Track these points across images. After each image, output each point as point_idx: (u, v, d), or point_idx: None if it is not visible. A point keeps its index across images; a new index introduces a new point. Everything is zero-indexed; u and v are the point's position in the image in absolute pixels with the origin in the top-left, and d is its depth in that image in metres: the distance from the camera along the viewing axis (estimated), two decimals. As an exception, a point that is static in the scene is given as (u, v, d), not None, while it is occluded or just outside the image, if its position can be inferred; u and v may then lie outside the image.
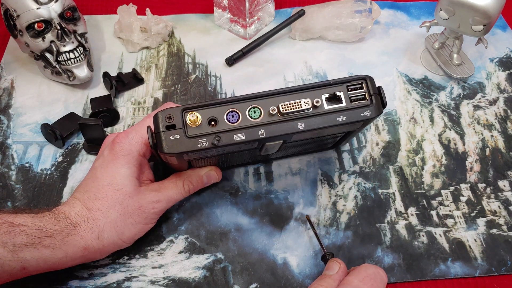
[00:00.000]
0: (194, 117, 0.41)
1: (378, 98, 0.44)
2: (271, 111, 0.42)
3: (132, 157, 0.47)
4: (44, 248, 0.42)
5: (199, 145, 0.41)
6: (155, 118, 0.42)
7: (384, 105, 0.45)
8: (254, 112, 0.42)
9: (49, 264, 0.43)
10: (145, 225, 0.48)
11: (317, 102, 0.43)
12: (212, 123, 0.42)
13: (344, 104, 0.43)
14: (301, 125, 0.42)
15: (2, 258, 0.40)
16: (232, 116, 0.42)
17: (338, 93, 0.43)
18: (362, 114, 0.44)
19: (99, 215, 0.45)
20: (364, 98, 0.44)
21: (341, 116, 0.43)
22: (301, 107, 0.42)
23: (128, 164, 0.47)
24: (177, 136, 0.41)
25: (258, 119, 0.42)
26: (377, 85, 0.45)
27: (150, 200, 0.47)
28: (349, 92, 0.44)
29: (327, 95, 0.43)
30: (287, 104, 0.42)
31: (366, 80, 0.44)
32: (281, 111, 0.42)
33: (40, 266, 0.43)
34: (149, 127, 0.43)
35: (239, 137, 0.42)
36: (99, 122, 0.56)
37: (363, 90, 0.44)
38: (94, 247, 0.45)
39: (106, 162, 0.47)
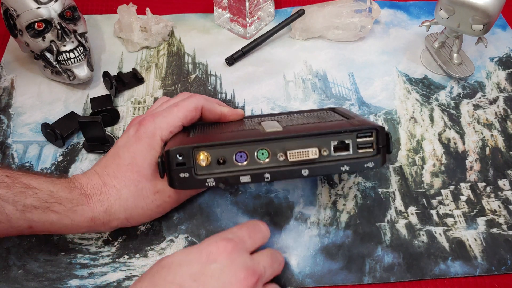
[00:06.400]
0: (203, 157, 0.43)
1: (384, 150, 0.45)
2: (279, 157, 0.43)
3: (155, 141, 0.48)
4: (52, 213, 0.44)
5: (206, 184, 0.44)
6: (167, 154, 0.44)
7: (389, 152, 0.46)
8: (262, 154, 0.44)
9: (55, 228, 0.45)
10: (155, 213, 0.49)
11: (325, 151, 0.44)
12: (221, 161, 0.44)
13: (350, 152, 0.44)
14: (305, 171, 0.44)
15: (10, 215, 0.43)
16: (241, 156, 0.44)
17: (347, 141, 0.44)
18: (365, 165, 0.44)
19: (113, 191, 0.46)
20: (371, 147, 0.44)
21: (345, 166, 0.44)
22: (308, 156, 0.43)
23: (149, 146, 0.47)
24: (186, 175, 0.44)
25: (266, 161, 0.44)
26: (386, 132, 0.45)
27: (167, 188, 0.48)
28: (357, 140, 0.44)
29: (335, 142, 0.44)
30: (295, 153, 0.43)
31: (378, 130, 0.44)
32: (289, 158, 0.43)
33: (46, 228, 0.45)
34: (160, 158, 0.45)
35: (245, 179, 0.44)
36: (98, 120, 0.56)
37: (371, 139, 0.44)
38: (100, 220, 0.46)
39: (129, 142, 0.48)
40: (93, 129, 0.57)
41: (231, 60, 0.69)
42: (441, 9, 0.62)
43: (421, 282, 0.48)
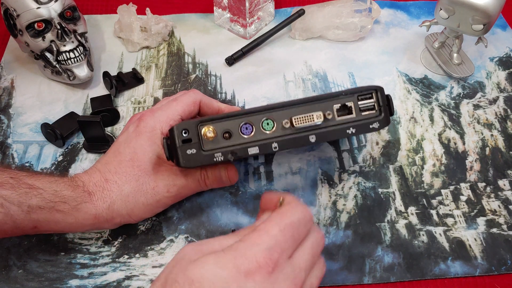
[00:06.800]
0: (209, 131, 0.43)
1: (387, 109, 0.45)
2: (284, 124, 0.43)
3: (155, 135, 0.48)
4: (56, 212, 0.44)
5: (214, 159, 0.43)
6: (171, 132, 0.43)
7: (392, 113, 0.46)
8: (268, 124, 0.44)
9: (59, 227, 0.45)
10: (155, 208, 0.49)
11: (329, 114, 0.44)
12: (226, 135, 0.43)
13: (354, 115, 0.45)
14: (312, 137, 0.44)
15: (16, 216, 0.43)
16: (246, 128, 0.43)
17: (348, 104, 0.44)
18: (371, 126, 0.45)
19: (115, 187, 0.47)
20: (373, 109, 0.45)
21: (351, 128, 0.44)
22: (313, 120, 0.43)
23: (150, 141, 0.47)
24: (193, 151, 0.43)
25: (272, 131, 0.44)
26: (385, 94, 0.45)
27: (166, 183, 0.48)
28: (359, 102, 0.45)
29: (338, 106, 0.44)
30: (299, 118, 0.43)
31: (377, 90, 0.45)
32: (294, 124, 0.43)
33: (51, 227, 0.45)
34: (165, 139, 0.44)
35: (253, 150, 0.43)
36: (97, 119, 0.56)
37: (372, 100, 0.45)
38: (104, 217, 0.46)
39: (129, 138, 0.48)
40: (92, 128, 0.57)
41: (231, 60, 0.69)
42: (441, 9, 0.62)
43: (421, 282, 0.48)
